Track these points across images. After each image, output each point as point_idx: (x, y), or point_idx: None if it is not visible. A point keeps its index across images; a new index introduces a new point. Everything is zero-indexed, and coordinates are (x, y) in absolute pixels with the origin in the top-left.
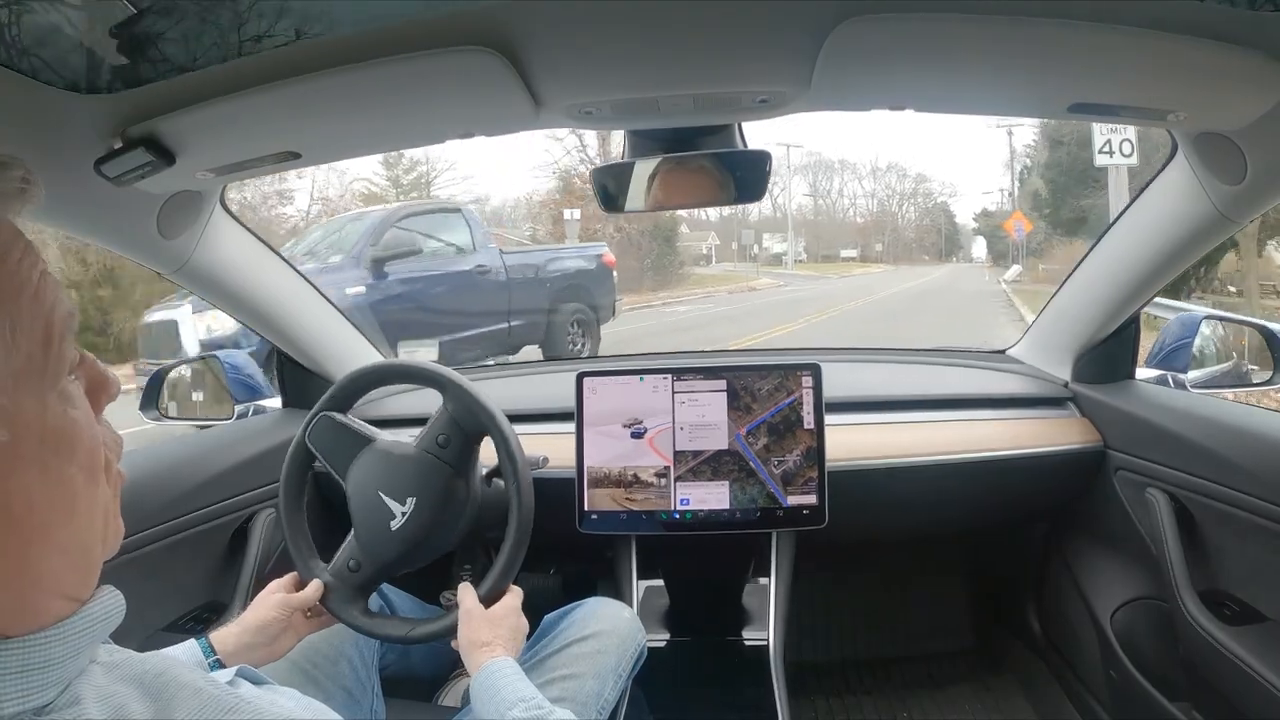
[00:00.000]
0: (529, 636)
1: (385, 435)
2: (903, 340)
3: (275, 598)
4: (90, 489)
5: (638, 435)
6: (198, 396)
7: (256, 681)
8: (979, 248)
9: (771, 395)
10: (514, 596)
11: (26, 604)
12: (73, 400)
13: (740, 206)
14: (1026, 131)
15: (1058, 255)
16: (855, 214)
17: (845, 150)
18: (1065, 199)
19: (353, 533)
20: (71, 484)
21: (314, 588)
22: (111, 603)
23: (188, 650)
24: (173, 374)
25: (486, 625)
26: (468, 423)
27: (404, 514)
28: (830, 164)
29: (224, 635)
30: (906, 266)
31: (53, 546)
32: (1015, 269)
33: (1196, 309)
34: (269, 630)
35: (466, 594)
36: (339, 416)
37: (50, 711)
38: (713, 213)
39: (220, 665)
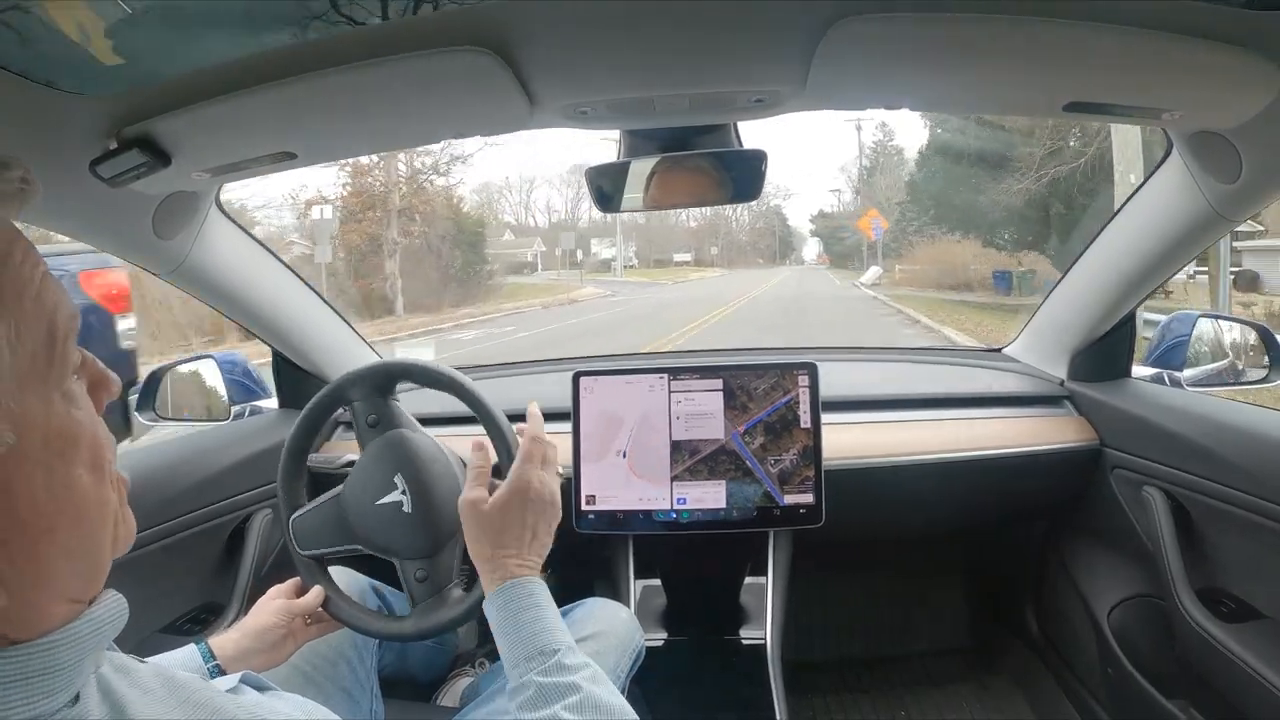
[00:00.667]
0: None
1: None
2: None
3: (276, 604)
4: (98, 489)
5: (624, 433)
6: (194, 397)
7: (260, 687)
8: (810, 250)
9: (768, 394)
10: (523, 466)
11: (31, 608)
12: (76, 400)
13: (570, 212)
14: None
15: (920, 255)
16: (689, 217)
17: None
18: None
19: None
20: (78, 485)
21: (315, 594)
22: (115, 606)
23: (187, 655)
24: (169, 374)
25: (495, 520)
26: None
27: (403, 491)
28: None
29: (224, 641)
30: (742, 269)
31: (59, 549)
32: (874, 271)
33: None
34: (269, 636)
35: (472, 487)
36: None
37: (58, 718)
38: (540, 218)
39: (220, 671)
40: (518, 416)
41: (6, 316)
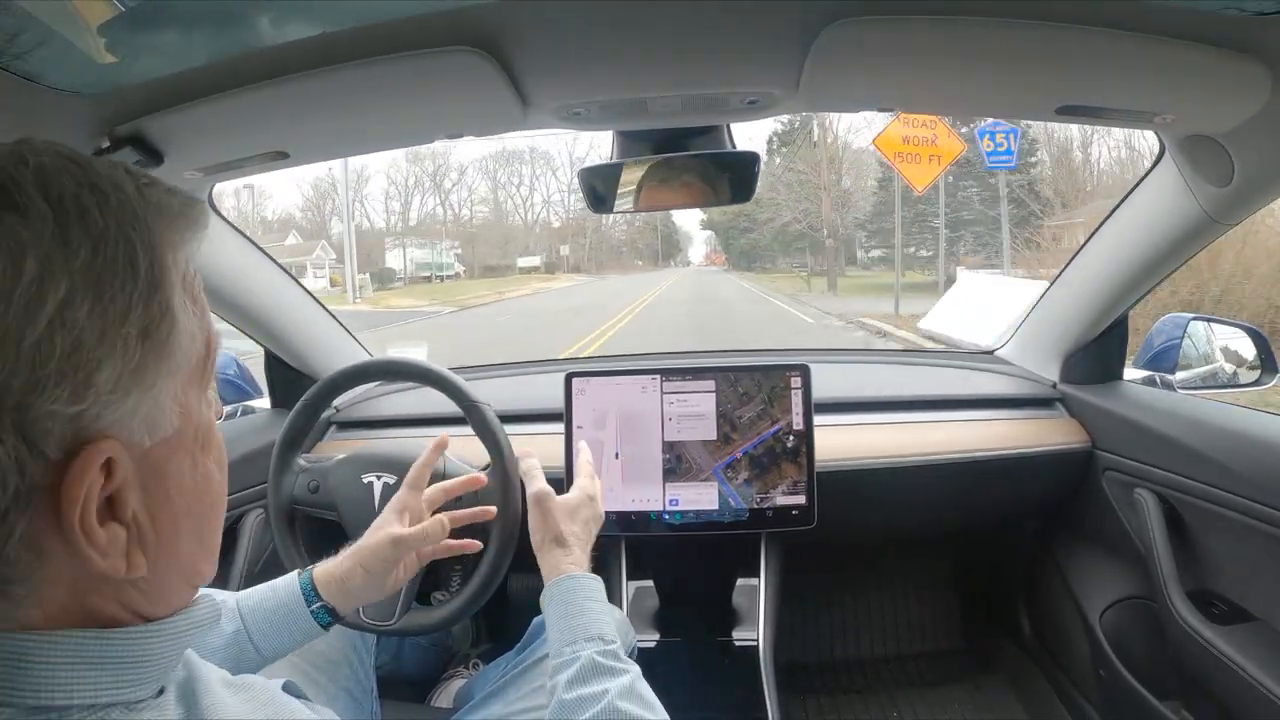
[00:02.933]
0: (520, 638)
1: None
2: None
3: (384, 534)
4: (222, 486)
5: (616, 434)
6: None
7: (298, 695)
8: (697, 250)
9: (760, 396)
10: (586, 479)
11: (163, 583)
12: (213, 406)
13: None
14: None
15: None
16: (550, 213)
17: (539, 136)
18: None
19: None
20: (210, 477)
21: (434, 522)
22: (211, 609)
23: (288, 589)
24: None
25: (565, 517)
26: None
27: (385, 484)
28: (518, 153)
29: (329, 575)
30: (616, 274)
31: (193, 532)
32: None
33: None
34: (376, 568)
35: (533, 478)
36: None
37: (141, 709)
38: (378, 215)
39: (325, 613)
40: (511, 418)
41: (194, 318)
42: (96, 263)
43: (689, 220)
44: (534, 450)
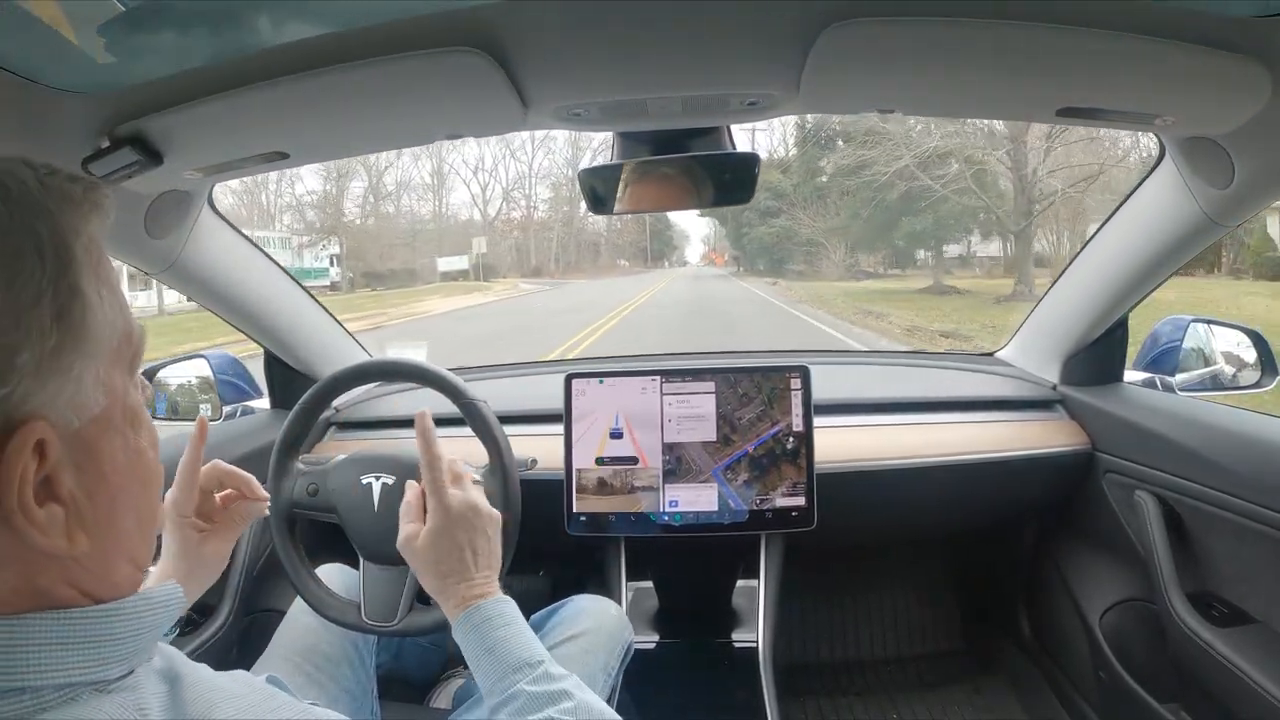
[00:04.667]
0: None
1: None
2: None
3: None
4: (155, 464)
5: (616, 435)
6: (186, 397)
7: (281, 688)
8: (694, 249)
9: (760, 397)
10: (455, 493)
11: (106, 561)
12: (140, 389)
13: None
14: None
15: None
16: (510, 207)
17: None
18: None
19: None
20: (144, 455)
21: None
22: (170, 592)
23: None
24: (160, 374)
25: (433, 552)
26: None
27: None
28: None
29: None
30: (578, 280)
31: (130, 508)
32: None
33: None
34: (187, 548)
35: (404, 526)
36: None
37: (112, 689)
38: (313, 210)
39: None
40: (510, 418)
41: (108, 305)
42: (3, 252)
43: (685, 213)
44: (535, 452)
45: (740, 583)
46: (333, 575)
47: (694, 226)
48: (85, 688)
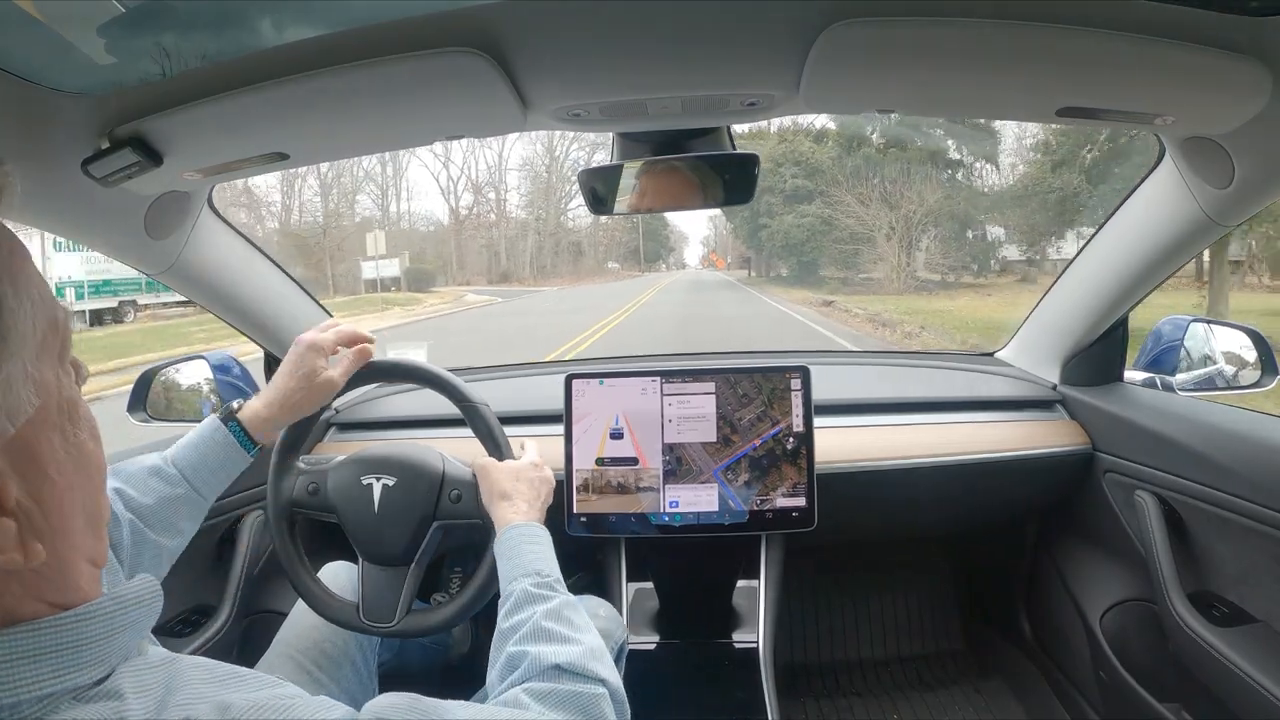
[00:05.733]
0: None
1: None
2: None
3: (301, 343)
4: (98, 454)
5: (616, 436)
6: (186, 398)
7: None
8: (693, 251)
9: (760, 398)
10: (532, 453)
11: (64, 565)
12: (73, 378)
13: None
14: None
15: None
16: (486, 209)
17: None
18: None
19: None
20: (85, 448)
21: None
22: (145, 588)
23: (214, 435)
24: (160, 375)
25: (508, 477)
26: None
27: (385, 486)
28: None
29: (253, 414)
30: (553, 289)
31: (79, 506)
32: None
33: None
34: (299, 383)
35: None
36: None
37: (90, 698)
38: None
39: (253, 443)
40: (510, 419)
41: (24, 298)
42: None
43: (684, 214)
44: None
45: (740, 583)
46: (338, 572)
47: (693, 228)
48: (64, 696)
